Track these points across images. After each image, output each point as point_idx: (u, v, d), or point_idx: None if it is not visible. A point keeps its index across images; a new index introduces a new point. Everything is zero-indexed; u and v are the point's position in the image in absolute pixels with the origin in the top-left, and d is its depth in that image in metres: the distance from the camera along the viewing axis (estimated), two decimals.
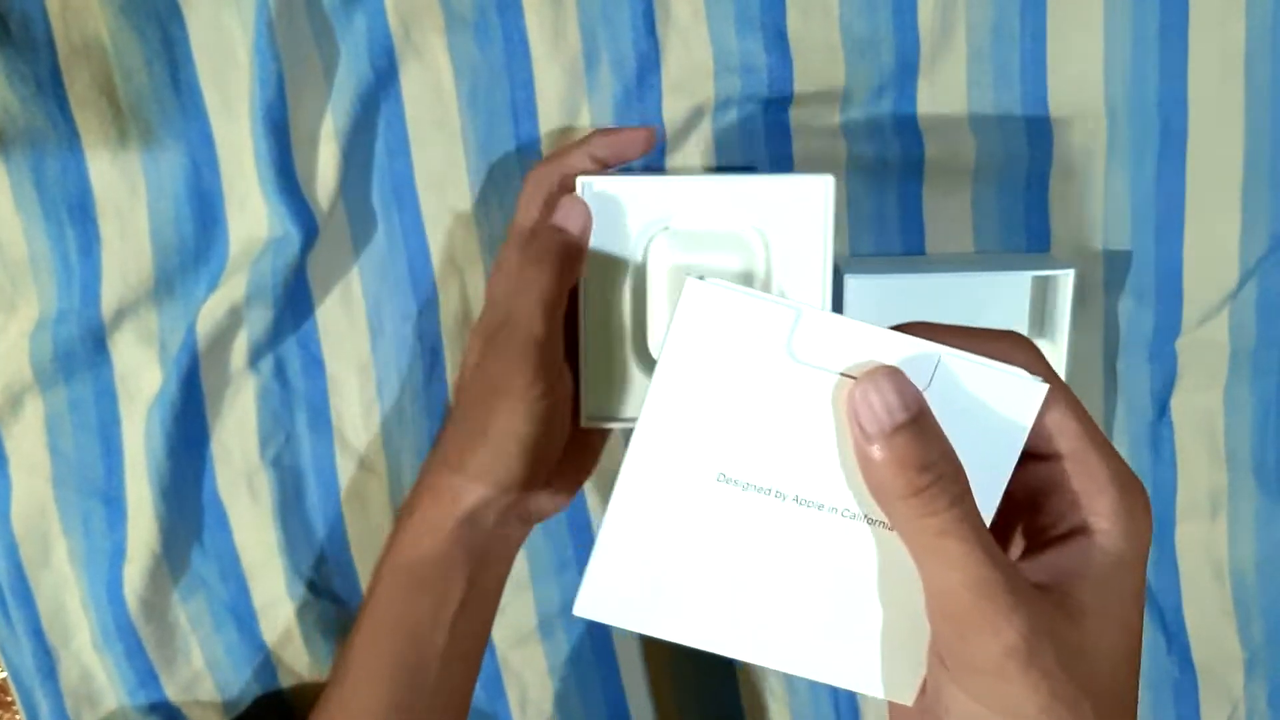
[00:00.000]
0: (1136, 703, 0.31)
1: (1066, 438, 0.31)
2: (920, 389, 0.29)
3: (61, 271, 0.55)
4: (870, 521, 0.31)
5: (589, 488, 0.60)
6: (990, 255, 0.56)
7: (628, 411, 0.48)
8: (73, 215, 0.54)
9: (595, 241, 0.47)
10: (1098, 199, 0.55)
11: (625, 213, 0.47)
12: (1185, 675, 0.61)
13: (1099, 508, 0.31)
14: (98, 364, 0.56)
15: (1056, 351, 0.54)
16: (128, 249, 0.55)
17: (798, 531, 0.31)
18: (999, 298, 0.56)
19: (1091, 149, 0.54)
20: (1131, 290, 0.56)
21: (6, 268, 0.54)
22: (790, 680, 0.62)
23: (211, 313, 0.54)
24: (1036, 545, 0.32)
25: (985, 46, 0.53)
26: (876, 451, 0.29)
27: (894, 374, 0.29)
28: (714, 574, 0.32)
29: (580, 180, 0.46)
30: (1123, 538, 0.30)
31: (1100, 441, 0.31)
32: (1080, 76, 0.53)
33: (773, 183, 0.46)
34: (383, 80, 0.53)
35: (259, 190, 0.53)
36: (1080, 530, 0.31)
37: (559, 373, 0.45)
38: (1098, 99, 0.53)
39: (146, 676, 0.60)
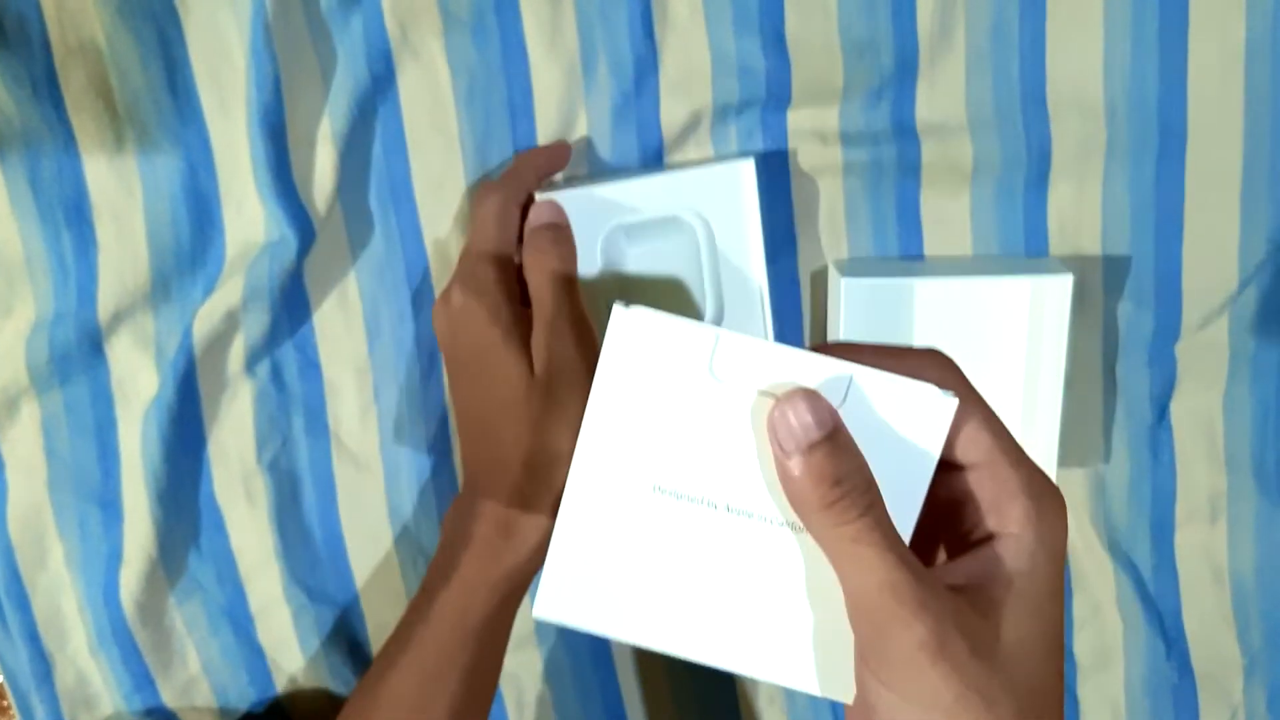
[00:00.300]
0: (1062, 697, 0.33)
1: (979, 448, 0.33)
2: (835, 406, 0.32)
3: (58, 274, 0.54)
4: (795, 529, 0.33)
5: None
6: (988, 259, 0.56)
7: None
8: (69, 217, 0.54)
9: None
10: (1096, 201, 0.55)
11: (582, 215, 0.52)
12: (1184, 680, 0.61)
13: (1010, 514, 0.32)
14: (94, 367, 0.56)
15: (1056, 356, 0.54)
16: (124, 251, 0.54)
17: (732, 538, 0.33)
18: (997, 302, 0.55)
19: (1090, 151, 0.54)
20: (1130, 293, 0.56)
21: (2, 270, 0.54)
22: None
23: (208, 316, 0.54)
24: (955, 552, 0.34)
25: (984, 48, 0.53)
26: (794, 467, 0.31)
27: (809, 395, 0.31)
28: (659, 578, 0.34)
29: (538, 195, 0.52)
30: (1034, 540, 0.32)
31: (1011, 449, 0.33)
32: (1079, 78, 0.53)
33: (703, 172, 0.53)
34: (380, 83, 0.53)
35: (255, 193, 0.53)
36: (994, 536, 0.33)
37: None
38: (1097, 101, 0.53)
39: (142, 680, 0.59)
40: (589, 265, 0.53)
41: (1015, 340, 0.56)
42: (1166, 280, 0.55)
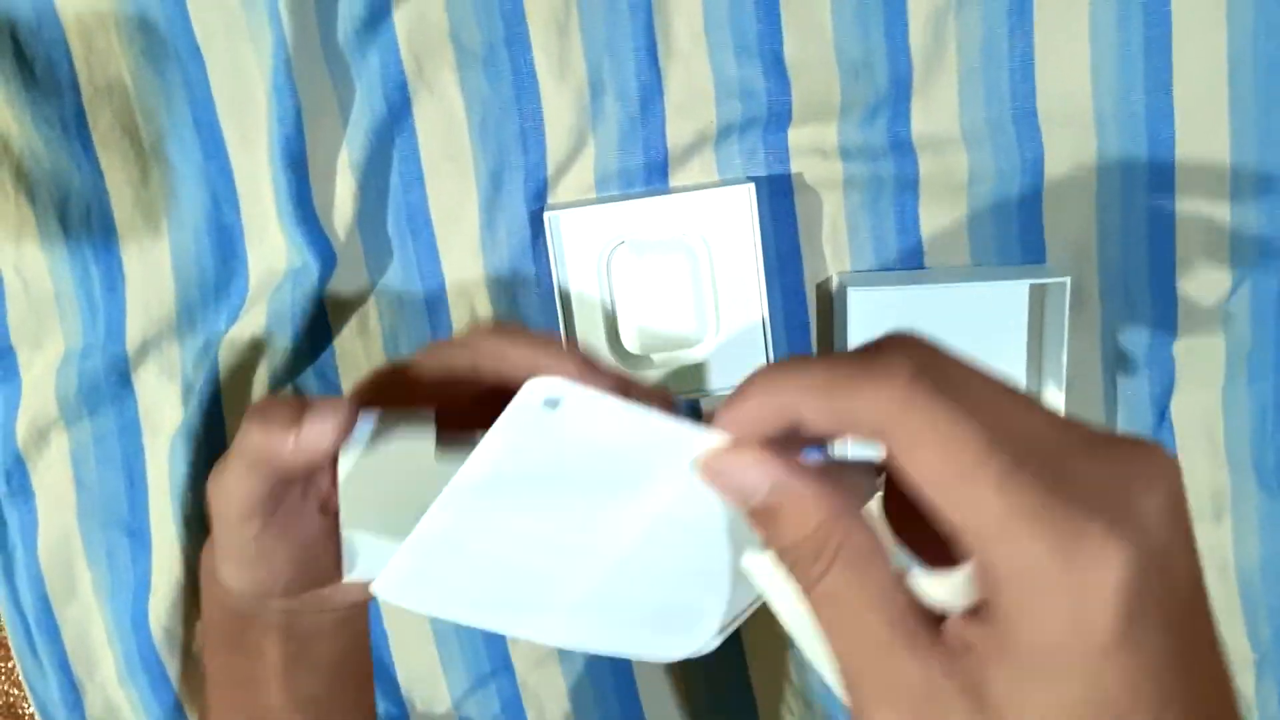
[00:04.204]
0: None
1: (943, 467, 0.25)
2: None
3: (85, 308, 0.56)
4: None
5: None
6: (987, 268, 0.58)
7: None
8: (97, 252, 0.55)
9: (568, 259, 0.56)
10: (1090, 208, 0.56)
11: (587, 233, 0.55)
12: None
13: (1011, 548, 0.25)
14: (122, 398, 0.57)
15: (1056, 358, 0.55)
16: (150, 284, 0.56)
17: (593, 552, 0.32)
18: (997, 307, 0.57)
19: (1082, 160, 0.56)
20: (1126, 297, 0.57)
21: (33, 304, 0.56)
22: (809, 701, 0.63)
23: (232, 344, 0.56)
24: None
25: (976, 65, 0.55)
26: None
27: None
28: (515, 575, 0.32)
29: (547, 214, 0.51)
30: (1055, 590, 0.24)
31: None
32: (1068, 91, 0.55)
33: (706, 195, 0.55)
34: (397, 115, 0.55)
35: (278, 223, 0.55)
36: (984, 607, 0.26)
37: None
38: (1086, 112, 0.55)
39: (171, 709, 0.60)
40: (591, 282, 0.56)
41: (1016, 343, 0.57)
42: (1161, 282, 0.57)
